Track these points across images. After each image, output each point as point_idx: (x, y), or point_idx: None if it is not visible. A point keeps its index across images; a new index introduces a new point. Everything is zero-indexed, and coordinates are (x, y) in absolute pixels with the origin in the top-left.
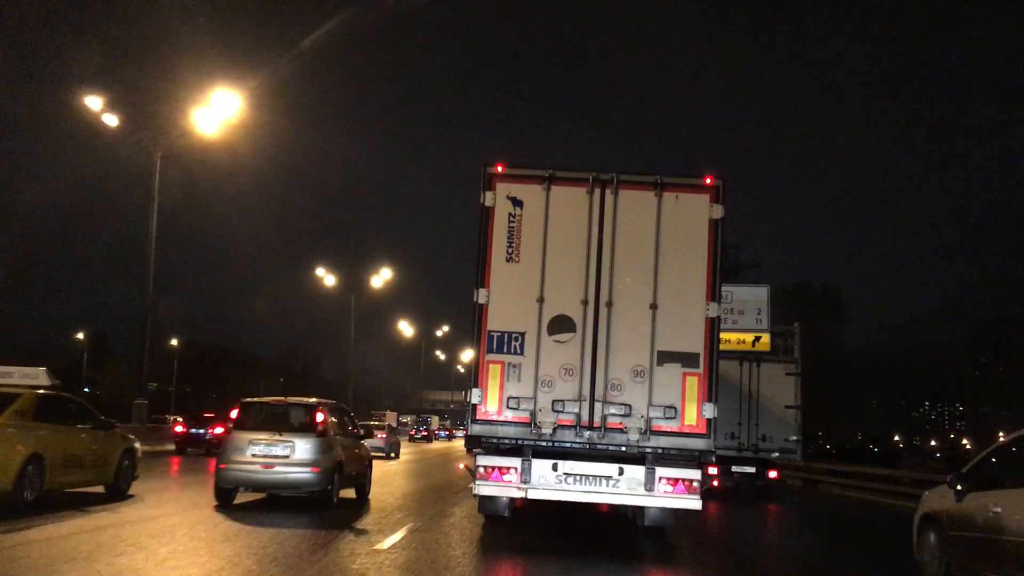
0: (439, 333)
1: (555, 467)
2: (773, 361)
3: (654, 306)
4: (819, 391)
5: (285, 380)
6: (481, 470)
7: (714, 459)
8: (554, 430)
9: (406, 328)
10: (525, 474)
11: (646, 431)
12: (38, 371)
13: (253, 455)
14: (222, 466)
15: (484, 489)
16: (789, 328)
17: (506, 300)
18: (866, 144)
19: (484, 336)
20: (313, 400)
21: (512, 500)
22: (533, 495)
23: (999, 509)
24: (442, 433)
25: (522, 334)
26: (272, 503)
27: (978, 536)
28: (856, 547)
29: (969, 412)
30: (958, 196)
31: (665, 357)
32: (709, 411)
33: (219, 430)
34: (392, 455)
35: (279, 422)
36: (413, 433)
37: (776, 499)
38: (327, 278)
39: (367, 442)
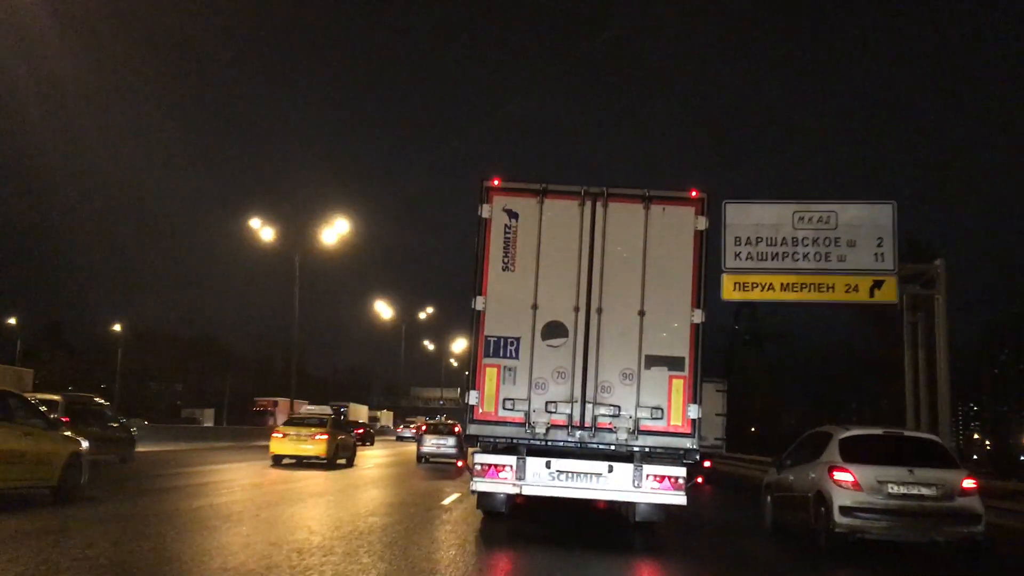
0: (422, 316)
1: (548, 465)
2: (706, 381)
3: (642, 312)
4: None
5: (262, 375)
6: (478, 467)
7: (698, 457)
8: (547, 430)
9: (384, 311)
10: (520, 471)
11: (634, 431)
12: (325, 407)
13: (432, 443)
14: (422, 448)
15: (481, 486)
16: (927, 268)
17: (502, 307)
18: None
19: (481, 341)
20: (452, 421)
21: (510, 496)
22: (527, 491)
23: (792, 478)
24: None
25: (517, 339)
26: (433, 465)
27: (785, 495)
28: (738, 508)
29: (987, 412)
30: (970, 186)
31: (652, 361)
32: (694, 412)
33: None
34: None
35: (442, 430)
36: (401, 430)
37: (710, 482)
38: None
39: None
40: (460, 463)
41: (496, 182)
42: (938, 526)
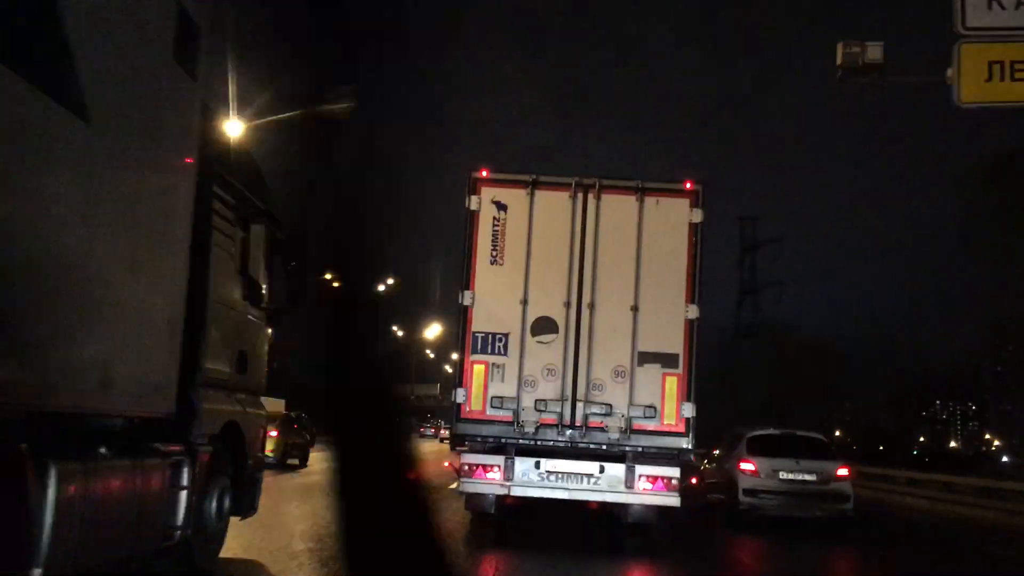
0: (381, 288)
1: (537, 465)
2: None
3: (635, 308)
4: None
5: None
6: (465, 468)
7: (692, 457)
8: (537, 429)
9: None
10: (508, 472)
11: (626, 430)
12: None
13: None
14: (457, 433)
15: (468, 487)
16: None
17: (490, 302)
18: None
19: (468, 337)
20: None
21: (499, 497)
22: (516, 492)
23: (716, 467)
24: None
25: (506, 335)
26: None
27: (712, 480)
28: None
29: (990, 410)
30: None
31: (645, 358)
32: (688, 410)
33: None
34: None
35: None
36: (423, 431)
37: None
38: None
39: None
40: (448, 463)
41: (484, 173)
42: (817, 504)
